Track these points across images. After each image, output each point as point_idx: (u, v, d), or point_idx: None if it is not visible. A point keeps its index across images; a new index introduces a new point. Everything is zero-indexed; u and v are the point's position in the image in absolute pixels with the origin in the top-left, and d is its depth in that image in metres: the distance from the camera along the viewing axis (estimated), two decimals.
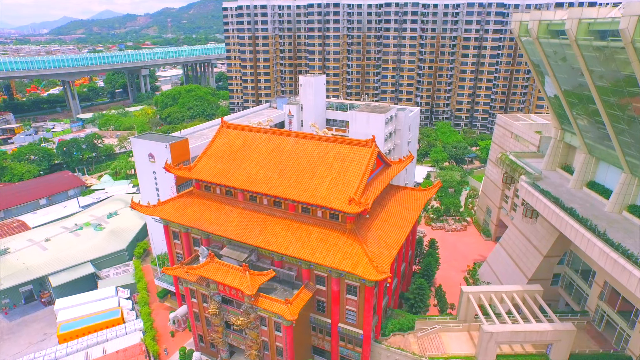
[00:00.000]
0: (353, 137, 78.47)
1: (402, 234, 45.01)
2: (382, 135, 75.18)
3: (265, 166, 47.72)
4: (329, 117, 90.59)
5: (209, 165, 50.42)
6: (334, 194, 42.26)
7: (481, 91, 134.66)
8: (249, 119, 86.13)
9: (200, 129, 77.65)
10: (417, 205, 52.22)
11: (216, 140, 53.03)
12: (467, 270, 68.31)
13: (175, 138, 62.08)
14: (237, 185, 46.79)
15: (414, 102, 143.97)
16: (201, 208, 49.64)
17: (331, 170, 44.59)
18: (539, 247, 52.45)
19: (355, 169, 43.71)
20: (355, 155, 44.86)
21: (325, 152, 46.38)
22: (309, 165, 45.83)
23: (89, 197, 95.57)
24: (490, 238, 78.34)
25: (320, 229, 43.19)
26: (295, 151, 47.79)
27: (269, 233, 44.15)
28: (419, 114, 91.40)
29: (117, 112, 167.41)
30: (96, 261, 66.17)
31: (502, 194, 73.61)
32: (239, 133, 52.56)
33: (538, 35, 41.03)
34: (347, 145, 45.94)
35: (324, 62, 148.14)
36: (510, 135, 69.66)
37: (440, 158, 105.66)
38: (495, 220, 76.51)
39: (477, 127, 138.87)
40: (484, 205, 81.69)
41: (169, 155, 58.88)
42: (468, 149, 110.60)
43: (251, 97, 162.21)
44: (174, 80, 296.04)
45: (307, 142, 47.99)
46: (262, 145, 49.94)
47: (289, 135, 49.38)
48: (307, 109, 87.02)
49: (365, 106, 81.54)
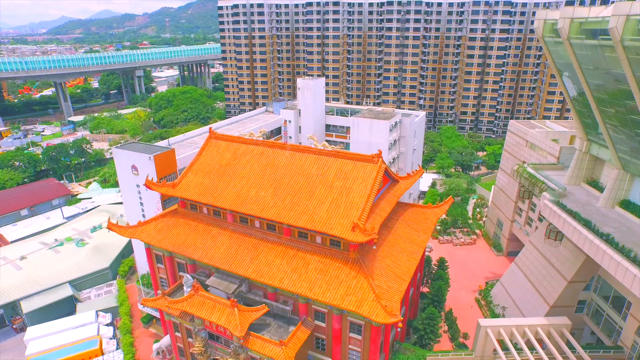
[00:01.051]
0: (355, 145, 73.35)
1: (413, 262, 39.70)
2: (386, 143, 69.94)
3: (257, 184, 42.37)
4: (328, 122, 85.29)
5: (195, 181, 45.07)
6: (335, 218, 36.93)
7: (487, 93, 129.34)
8: (244, 125, 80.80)
9: (191, 136, 72.27)
10: (427, 225, 46.91)
11: (203, 153, 47.68)
12: (479, 291, 63.05)
13: (160, 148, 56.72)
14: (225, 206, 41.43)
15: (417, 105, 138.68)
16: (186, 230, 44.28)
17: (332, 189, 39.25)
18: (562, 271, 47.19)
19: (360, 188, 38.37)
20: (359, 172, 39.52)
21: (325, 168, 41.03)
22: (307, 184, 40.49)
23: (74, 206, 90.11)
24: (501, 253, 73.08)
25: (320, 257, 37.86)
26: (291, 167, 42.45)
27: (262, 262, 38.82)
28: (424, 119, 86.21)
29: (110, 115, 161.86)
30: (76, 282, 60.76)
31: (515, 206, 68.36)
32: (228, 145, 47.21)
33: (570, 36, 35.71)
34: (349, 161, 40.59)
35: (323, 63, 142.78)
36: (524, 144, 64.36)
37: (446, 165, 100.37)
38: (507, 234, 71.24)
39: (483, 131, 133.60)
40: (495, 217, 76.43)
41: (153, 168, 53.57)
42: (475, 155, 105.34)
43: (248, 99, 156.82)
44: (170, 80, 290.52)
45: (304, 156, 42.65)
46: (254, 160, 44.60)
47: (284, 149, 44.04)
48: (306, 114, 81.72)
49: (368, 112, 76.27)
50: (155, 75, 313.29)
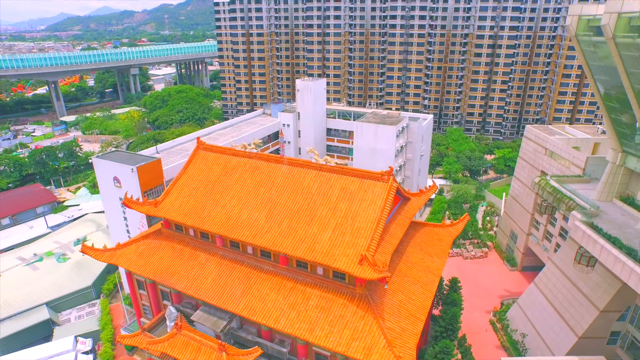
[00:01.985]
0: (358, 151, 68.12)
1: (428, 295, 34.57)
2: (393, 150, 64.73)
3: (250, 204, 37.16)
4: (330, 126, 79.95)
5: (180, 199, 39.85)
6: (340, 247, 31.74)
7: (495, 94, 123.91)
8: (239, 129, 75.56)
9: (181, 142, 67.02)
10: (441, 248, 41.76)
11: (190, 166, 42.45)
12: (494, 312, 57.96)
13: (144, 158, 51.51)
14: (213, 230, 36.23)
15: (421, 106, 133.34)
16: (170, 254, 39.11)
17: (335, 212, 34.05)
18: (592, 298, 42.09)
19: (367, 212, 33.17)
20: (367, 193, 34.31)
21: (327, 186, 35.81)
22: (307, 205, 35.29)
23: (60, 214, 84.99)
24: (515, 268, 67.96)
25: (322, 292, 32.71)
26: (288, 184, 37.23)
27: (254, 295, 33.66)
28: (432, 122, 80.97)
29: (103, 115, 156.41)
30: (54, 302, 55.71)
31: (532, 219, 63.18)
32: (218, 157, 41.97)
33: (615, 34, 30.42)
34: (355, 179, 35.37)
35: (324, 61, 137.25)
36: (543, 152, 59.10)
37: (453, 170, 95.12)
38: (522, 248, 66.10)
39: (490, 133, 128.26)
40: (508, 229, 71.27)
41: (137, 181, 48.43)
42: (484, 160, 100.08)
43: (245, 99, 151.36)
44: (167, 78, 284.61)
45: (304, 172, 37.42)
46: (247, 175, 39.37)
47: (281, 163, 38.80)
48: (305, 117, 76.41)
49: (372, 115, 70.99)
50: (153, 73, 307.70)
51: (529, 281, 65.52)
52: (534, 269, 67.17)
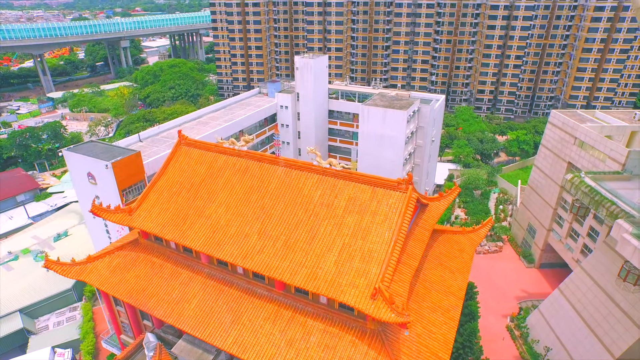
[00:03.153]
0: (364, 138, 61.55)
1: (451, 326, 29.20)
2: (403, 137, 58.27)
3: (239, 214, 31.26)
4: (332, 108, 73.12)
5: (159, 206, 33.92)
6: (348, 274, 26.09)
7: (508, 70, 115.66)
8: (232, 111, 68.73)
9: (167, 128, 60.44)
10: (463, 261, 36.18)
11: (171, 165, 36.28)
12: (511, 317, 53.21)
13: (122, 151, 45.19)
14: (196, 247, 30.49)
15: (428, 82, 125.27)
16: (148, 271, 33.55)
17: (342, 229, 28.21)
18: (633, 316, 36.95)
19: (381, 230, 27.32)
20: (381, 204, 28.34)
21: (332, 196, 29.81)
22: (307, 218, 29.40)
23: (43, 203, 79.36)
24: (533, 265, 62.87)
25: (326, 325, 27.29)
26: (285, 191, 31.20)
27: (246, 326, 28.29)
28: (444, 104, 73.96)
29: (91, 92, 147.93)
30: (30, 308, 50.86)
31: (554, 213, 57.52)
32: (202, 155, 35.73)
33: None
34: (366, 187, 29.31)
35: (325, 34, 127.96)
36: (572, 141, 52.71)
37: (464, 153, 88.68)
38: (541, 244, 60.76)
39: (501, 112, 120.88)
40: (525, 221, 65.76)
41: (113, 178, 42.37)
42: (497, 143, 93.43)
43: (241, 74, 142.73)
44: (162, 51, 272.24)
45: (303, 176, 31.32)
46: (236, 178, 33.28)
47: (276, 164, 32.62)
48: (305, 98, 69.43)
49: (380, 97, 64.02)
50: (146, 45, 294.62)
51: (547, 280, 60.66)
52: (552, 266, 62.17)
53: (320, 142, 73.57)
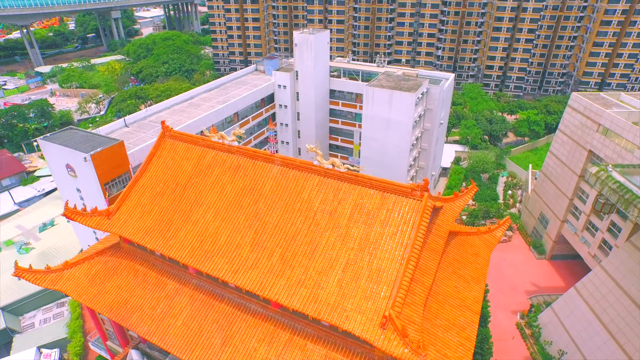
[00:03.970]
0: (368, 121, 57.24)
1: (468, 348, 26.09)
2: (411, 121, 54.04)
3: (230, 221, 27.66)
4: (333, 87, 68.31)
5: (141, 208, 30.26)
6: (353, 297, 22.77)
7: (520, 44, 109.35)
8: (227, 91, 64.04)
9: (156, 110, 56.00)
10: (478, 267, 32.87)
11: (154, 160, 32.37)
12: (521, 314, 50.68)
13: (104, 141, 41.10)
14: (181, 259, 27.05)
15: (434, 57, 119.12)
16: (131, 280, 30.29)
17: (346, 241, 24.69)
18: None
19: (392, 244, 23.80)
20: (391, 214, 24.70)
21: (335, 201, 26.11)
22: (307, 228, 25.82)
23: (30, 187, 75.80)
24: (543, 256, 59.97)
25: (328, 350, 24.21)
26: (282, 195, 27.48)
27: (238, 349, 25.24)
28: (453, 83, 69.06)
29: (81, 66, 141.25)
30: (14, 306, 48.15)
31: (570, 204, 54.06)
32: (188, 149, 31.77)
33: None
34: (375, 192, 25.56)
35: (325, 5, 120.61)
36: (595, 128, 48.52)
37: (472, 135, 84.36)
38: (554, 235, 57.62)
39: (510, 89, 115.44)
40: (536, 210, 62.41)
41: (93, 170, 38.57)
42: (506, 123, 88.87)
43: (238, 47, 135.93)
44: (156, 21, 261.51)
45: (302, 178, 27.50)
46: (227, 177, 29.47)
47: (271, 162, 28.72)
48: (305, 77, 64.56)
49: (385, 77, 59.25)
50: (140, 15, 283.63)
51: (559, 273, 57.89)
52: (565, 258, 59.28)
53: (321, 123, 69.23)
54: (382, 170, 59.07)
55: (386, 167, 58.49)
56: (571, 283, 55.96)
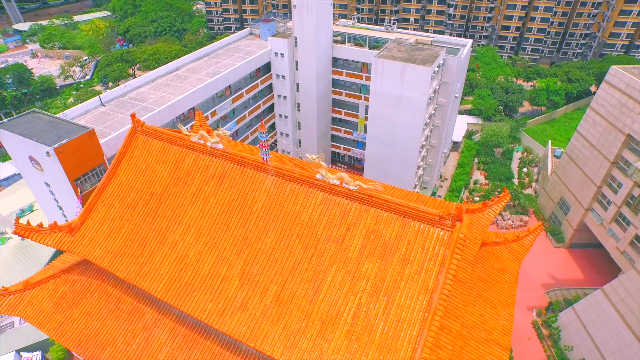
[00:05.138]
0: (376, 98, 50.88)
1: None
2: (426, 98, 47.85)
3: (215, 245, 22.77)
4: (336, 55, 61.11)
5: (109, 224, 25.29)
6: (365, 356, 18.31)
7: (541, 2, 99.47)
8: (218, 60, 57.13)
9: (138, 85, 49.43)
10: (505, 285, 28.50)
11: (124, 162, 26.96)
12: (538, 311, 47.20)
13: (71, 129, 35.33)
14: (156, 293, 22.41)
15: (445, 15, 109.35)
16: (102, 307, 25.89)
17: (357, 280, 19.93)
18: None
19: (414, 287, 19.06)
20: (413, 246, 19.75)
21: (342, 226, 21.07)
22: (308, 259, 20.97)
23: (10, 163, 70.43)
24: (562, 244, 55.85)
25: None
26: (276, 214, 22.39)
27: None
28: (470, 50, 61.64)
29: (63, 24, 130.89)
30: None
31: (598, 192, 49.09)
32: (165, 149, 26.28)
33: None
34: (393, 217, 20.45)
35: None
36: (638, 110, 42.46)
37: (487, 106, 77.73)
38: (575, 223, 53.13)
39: (527, 52, 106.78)
40: (557, 194, 57.55)
41: (59, 166, 33.26)
42: (524, 93, 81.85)
43: (232, 4, 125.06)
44: None
45: (301, 193, 22.29)
46: (210, 189, 24.25)
47: (264, 171, 23.39)
48: (304, 44, 57.31)
49: (396, 45, 52.18)
50: None
51: (578, 263, 53.97)
52: (584, 247, 55.19)
53: (323, 95, 62.70)
54: (391, 151, 53.61)
55: (395, 149, 52.97)
56: (591, 275, 52.32)
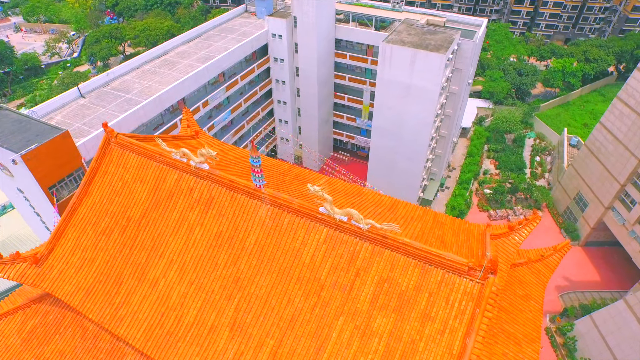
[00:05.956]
0: (384, 86, 46.47)
1: None
2: (438, 88, 43.57)
3: (201, 286, 19.51)
4: (339, 36, 56.16)
5: (80, 253, 21.96)
6: None
7: None
8: (209, 42, 52.36)
9: (124, 72, 44.94)
10: (530, 315, 25.47)
11: (97, 179, 23.35)
12: (552, 317, 44.75)
13: (43, 130, 31.44)
14: (134, 342, 19.34)
15: None
16: (76, 347, 22.89)
17: (367, 337, 16.76)
18: None
19: (436, 349, 15.92)
20: (435, 299, 16.49)
21: (350, 271, 17.73)
22: (310, 309, 17.75)
23: None
24: (576, 242, 52.91)
25: None
26: (272, 252, 19.01)
27: None
28: (485, 30, 56.52)
29: None
30: None
31: (621, 190, 45.63)
32: (142, 165, 22.60)
33: None
34: (410, 263, 17.06)
35: None
36: None
37: (498, 90, 73.02)
38: (593, 221, 50.00)
39: (541, 28, 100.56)
40: (573, 188, 54.13)
41: (29, 173, 29.66)
42: (538, 75, 76.86)
43: None
44: None
45: (301, 227, 18.81)
46: (195, 217, 20.77)
47: (257, 198, 19.82)
48: (304, 25, 52.30)
49: (406, 27, 47.31)
50: None
51: (593, 262, 51.19)
52: (600, 245, 52.29)
53: (325, 79, 58.20)
54: (398, 144, 49.75)
55: (402, 141, 49.10)
56: (607, 276, 49.66)
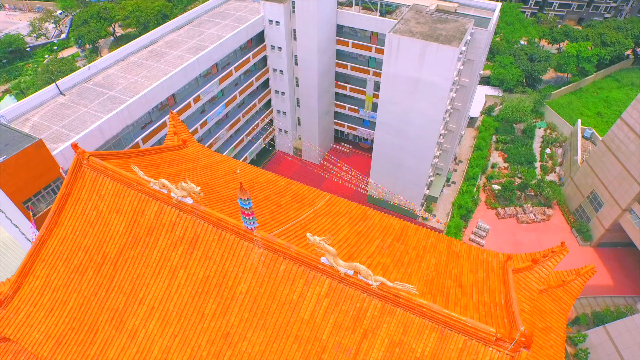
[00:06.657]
0: (390, 80, 43.03)
1: None
2: (449, 84, 40.29)
3: (186, 340, 17.08)
4: (341, 22, 52.14)
5: (50, 294, 19.47)
6: None
7: None
8: (201, 29, 48.55)
9: (108, 64, 41.44)
10: (551, 352, 23.26)
11: (68, 207, 20.62)
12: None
13: (13, 139, 28.46)
14: None
15: None
16: None
17: None
18: None
19: None
20: None
21: (357, 331, 15.22)
22: None
23: None
24: (589, 242, 50.64)
25: None
26: (266, 304, 16.47)
27: None
28: (499, 16, 52.34)
29: None
30: None
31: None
32: (119, 193, 19.81)
33: None
34: (427, 325, 14.53)
35: None
36: None
37: (509, 77, 69.09)
38: (608, 223, 47.51)
39: (554, 8, 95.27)
40: (587, 186, 51.41)
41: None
42: (551, 60, 72.65)
43: None
44: None
45: (300, 275, 16.19)
46: (178, 258, 18.14)
47: (249, 240, 17.14)
48: (304, 10, 48.25)
49: (414, 15, 43.42)
50: None
51: (607, 265, 49.02)
52: (613, 246, 50.05)
53: (325, 69, 54.53)
54: (404, 141, 46.78)
55: (408, 138, 46.11)
56: (621, 279, 47.60)
